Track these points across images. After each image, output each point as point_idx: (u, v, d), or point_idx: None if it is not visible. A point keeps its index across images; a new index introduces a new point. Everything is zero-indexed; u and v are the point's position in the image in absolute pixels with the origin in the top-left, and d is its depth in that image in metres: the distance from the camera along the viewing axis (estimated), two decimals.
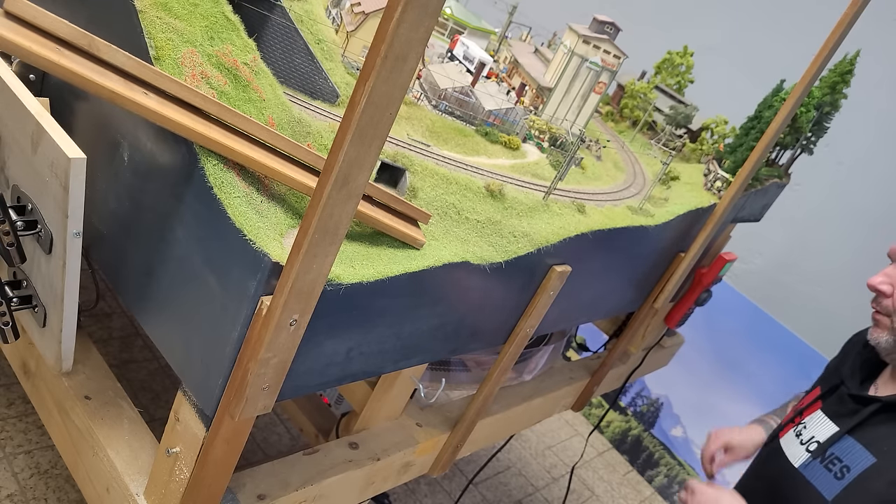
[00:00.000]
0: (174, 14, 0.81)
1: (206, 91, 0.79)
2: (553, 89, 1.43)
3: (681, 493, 1.38)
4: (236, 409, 0.78)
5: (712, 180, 1.64)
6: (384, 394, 1.22)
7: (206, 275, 0.80)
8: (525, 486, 2.53)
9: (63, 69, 0.69)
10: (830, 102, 1.68)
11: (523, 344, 1.25)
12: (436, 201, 1.00)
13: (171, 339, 0.88)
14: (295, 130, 0.90)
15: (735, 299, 2.63)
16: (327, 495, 1.12)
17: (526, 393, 1.59)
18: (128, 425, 1.04)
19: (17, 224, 0.82)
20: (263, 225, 0.78)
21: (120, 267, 0.94)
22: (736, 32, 2.62)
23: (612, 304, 1.54)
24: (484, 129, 1.23)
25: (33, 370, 1.14)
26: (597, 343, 2.02)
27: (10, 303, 0.89)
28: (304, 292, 0.71)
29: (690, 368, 2.77)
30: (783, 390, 2.59)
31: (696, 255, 1.60)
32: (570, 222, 1.16)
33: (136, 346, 2.12)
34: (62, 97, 0.93)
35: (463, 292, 1.03)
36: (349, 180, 0.65)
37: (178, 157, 0.80)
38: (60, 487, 1.66)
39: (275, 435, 2.14)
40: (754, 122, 1.65)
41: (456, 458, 1.41)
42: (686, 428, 2.88)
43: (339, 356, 0.91)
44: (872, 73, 1.84)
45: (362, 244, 0.89)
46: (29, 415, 1.79)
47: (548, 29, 1.80)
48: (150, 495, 0.95)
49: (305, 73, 0.99)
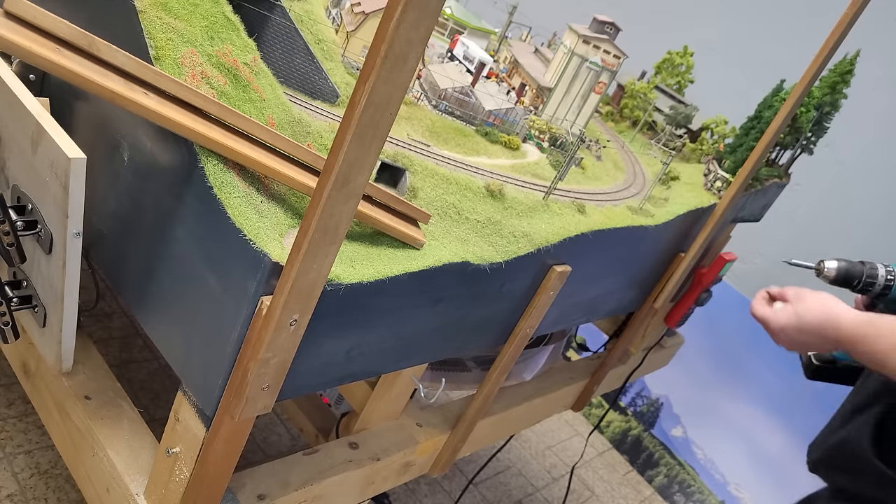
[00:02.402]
0: (174, 14, 0.81)
1: (206, 91, 0.79)
2: (553, 89, 1.43)
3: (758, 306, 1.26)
4: (236, 409, 0.78)
5: (712, 180, 1.64)
6: (384, 394, 1.22)
7: (206, 275, 0.80)
8: (525, 486, 2.53)
9: (63, 69, 0.69)
10: (830, 102, 1.68)
11: (523, 344, 1.25)
12: (436, 201, 1.00)
13: (171, 339, 0.88)
14: (295, 130, 0.90)
15: (735, 299, 2.63)
16: (327, 495, 1.12)
17: (526, 393, 1.59)
18: (128, 425, 1.04)
19: (17, 224, 0.82)
20: (263, 225, 0.78)
21: (120, 267, 0.94)
22: (736, 32, 2.62)
23: (612, 304, 1.54)
24: (484, 129, 1.23)
25: (33, 370, 1.14)
26: (597, 343, 2.02)
27: (10, 303, 0.89)
28: (304, 292, 0.71)
29: (690, 368, 2.77)
30: (783, 390, 2.59)
31: (696, 255, 1.60)
32: (570, 222, 1.16)
33: (136, 346, 2.12)
34: (62, 97, 0.93)
35: (463, 292, 1.03)
36: (349, 180, 0.65)
37: (178, 157, 0.80)
38: (60, 487, 1.66)
39: (275, 435, 2.14)
40: (754, 122, 1.65)
41: (456, 458, 1.41)
42: (686, 428, 2.87)
43: (339, 356, 0.91)
44: (872, 73, 1.84)
45: (362, 244, 0.89)
46: (29, 415, 1.79)
47: (548, 29, 1.80)
48: (150, 495, 0.95)
49: (305, 73, 0.99)
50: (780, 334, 1.26)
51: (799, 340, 1.23)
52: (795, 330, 1.22)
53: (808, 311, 1.21)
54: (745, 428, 2.70)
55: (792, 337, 1.24)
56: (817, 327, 1.18)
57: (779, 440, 2.62)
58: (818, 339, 1.19)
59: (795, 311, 1.23)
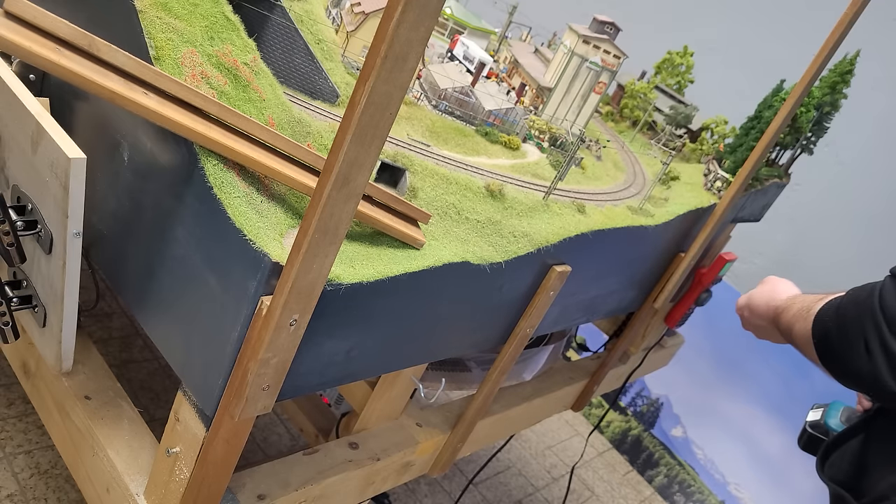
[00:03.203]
0: (174, 14, 0.81)
1: (206, 91, 0.79)
2: (553, 89, 1.43)
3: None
4: (236, 409, 0.78)
5: (712, 180, 1.64)
6: (384, 394, 1.22)
7: (206, 275, 0.80)
8: (525, 486, 2.53)
9: (63, 69, 0.69)
10: (830, 102, 1.68)
11: (523, 344, 1.25)
12: (436, 201, 1.00)
13: (171, 339, 0.88)
14: (295, 130, 0.90)
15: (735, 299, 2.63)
16: (327, 495, 1.12)
17: (526, 393, 1.59)
18: (128, 425, 1.04)
19: (17, 224, 0.82)
20: (263, 225, 0.78)
21: (120, 267, 0.94)
22: (736, 32, 2.62)
23: (612, 304, 1.54)
24: (484, 129, 1.23)
25: (33, 370, 1.14)
26: (597, 343, 2.02)
27: (10, 303, 0.89)
28: (304, 292, 0.71)
29: (690, 368, 2.77)
30: (783, 390, 2.59)
31: (696, 255, 1.60)
32: (570, 222, 1.16)
33: (136, 346, 2.12)
34: (62, 97, 0.93)
35: (463, 292, 1.03)
36: (349, 180, 0.65)
37: (178, 157, 0.80)
38: (60, 487, 1.66)
39: (275, 435, 2.14)
40: (754, 122, 1.65)
41: (456, 458, 1.41)
42: (686, 428, 2.88)
43: (338, 356, 0.91)
44: (872, 73, 1.84)
45: (362, 244, 0.89)
46: (29, 415, 1.79)
47: (548, 29, 1.80)
48: (150, 495, 0.95)
49: (305, 73, 0.99)
50: (739, 315, 1.32)
51: (753, 321, 1.27)
52: (748, 309, 1.28)
53: (759, 292, 1.26)
54: (745, 428, 2.70)
55: (746, 317, 1.29)
56: (763, 305, 1.22)
57: (778, 440, 2.62)
58: (764, 319, 1.22)
59: (751, 292, 1.28)
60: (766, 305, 1.22)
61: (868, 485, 0.99)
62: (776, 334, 1.22)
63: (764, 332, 1.27)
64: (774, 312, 1.18)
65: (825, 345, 0.94)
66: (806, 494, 2.56)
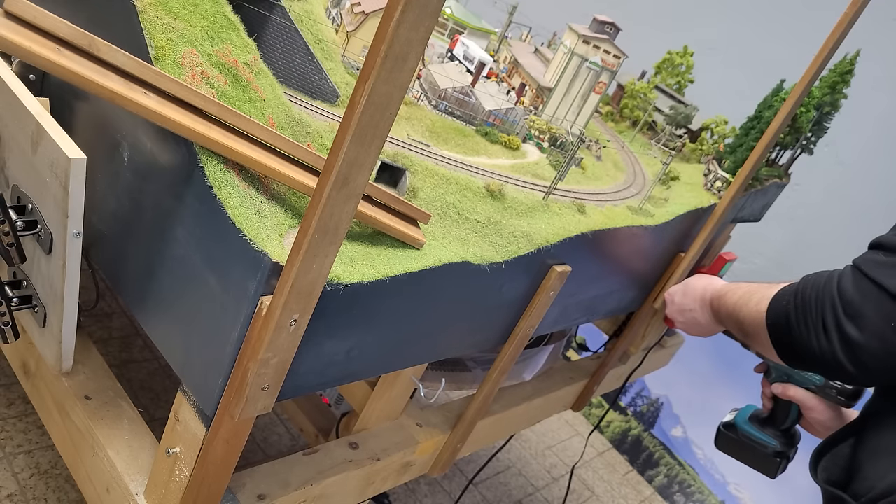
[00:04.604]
0: (174, 14, 0.81)
1: (206, 91, 0.79)
2: (553, 89, 1.43)
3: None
4: (236, 409, 0.78)
5: (712, 180, 1.64)
6: (384, 394, 1.22)
7: (206, 275, 0.80)
8: (525, 486, 2.53)
9: (63, 69, 0.69)
10: (830, 102, 1.68)
11: (523, 344, 1.25)
12: (436, 201, 1.00)
13: (171, 339, 0.88)
14: (295, 130, 0.90)
15: None
16: (327, 495, 1.12)
17: (526, 393, 1.59)
18: (128, 425, 1.04)
19: (17, 224, 0.82)
20: (263, 225, 0.78)
21: (120, 267, 0.94)
22: (736, 32, 2.62)
23: (612, 304, 1.54)
24: (484, 129, 1.23)
25: (33, 370, 1.14)
26: (597, 343, 2.02)
27: (10, 303, 0.89)
28: (304, 292, 0.71)
29: (690, 368, 2.77)
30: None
31: (696, 255, 1.60)
32: (570, 222, 1.16)
33: (136, 346, 2.12)
34: (62, 97, 0.93)
35: (463, 292, 1.03)
36: (349, 180, 0.65)
37: (178, 157, 0.80)
38: (60, 487, 1.66)
39: (275, 435, 2.14)
40: (754, 122, 1.65)
41: (456, 458, 1.41)
42: (686, 428, 2.88)
43: (339, 356, 0.91)
44: (872, 73, 1.84)
45: (362, 244, 0.89)
46: (29, 415, 1.79)
47: (548, 29, 1.80)
48: (150, 495, 0.95)
49: (305, 73, 0.99)
50: (668, 300, 1.46)
51: (685, 304, 1.40)
52: (682, 293, 1.42)
53: (695, 279, 1.41)
54: None
55: (677, 302, 1.42)
56: (700, 289, 1.36)
57: None
58: (698, 302, 1.35)
59: (685, 280, 1.43)
60: (703, 289, 1.35)
61: (868, 485, 0.99)
62: (703, 321, 1.36)
63: (690, 318, 1.39)
64: (713, 296, 1.30)
65: (783, 327, 1.00)
66: (806, 494, 2.56)
